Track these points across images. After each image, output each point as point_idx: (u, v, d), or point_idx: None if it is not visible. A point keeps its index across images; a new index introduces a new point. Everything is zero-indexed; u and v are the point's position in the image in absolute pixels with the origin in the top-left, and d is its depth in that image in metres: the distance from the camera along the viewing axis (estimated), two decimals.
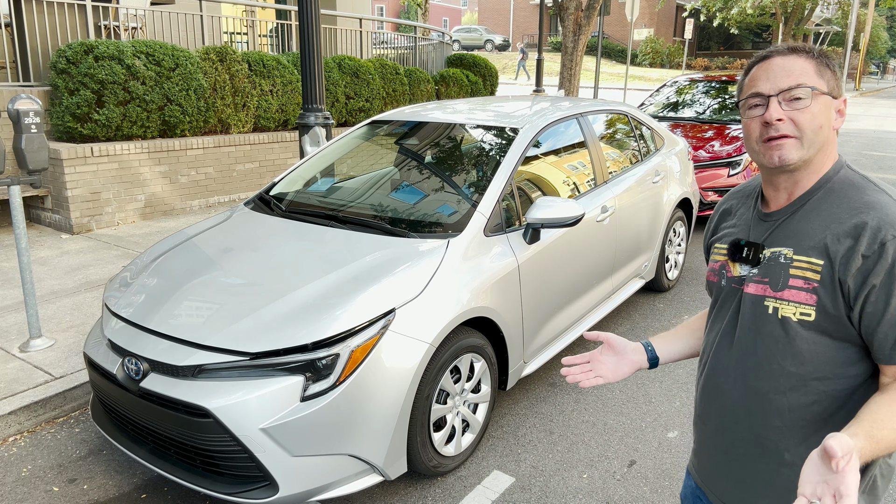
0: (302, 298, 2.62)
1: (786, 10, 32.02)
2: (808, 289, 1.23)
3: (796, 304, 1.24)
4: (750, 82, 1.30)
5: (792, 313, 1.25)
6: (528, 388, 3.72)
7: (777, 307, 1.27)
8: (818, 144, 1.26)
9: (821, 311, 1.22)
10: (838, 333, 1.22)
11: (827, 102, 1.26)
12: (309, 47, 5.04)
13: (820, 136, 1.26)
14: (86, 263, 5.35)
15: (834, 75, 1.28)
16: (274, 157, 7.85)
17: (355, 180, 3.89)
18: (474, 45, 37.52)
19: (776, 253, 1.29)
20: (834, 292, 1.20)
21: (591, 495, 2.85)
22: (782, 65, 1.27)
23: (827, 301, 1.21)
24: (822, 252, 1.22)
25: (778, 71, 1.27)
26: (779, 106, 1.25)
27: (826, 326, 1.22)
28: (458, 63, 12.45)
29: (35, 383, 3.47)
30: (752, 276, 1.32)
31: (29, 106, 3.58)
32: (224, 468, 2.49)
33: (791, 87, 1.24)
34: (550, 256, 3.44)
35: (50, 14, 6.86)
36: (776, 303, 1.27)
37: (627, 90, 17.95)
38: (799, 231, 1.27)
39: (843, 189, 1.26)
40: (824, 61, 1.28)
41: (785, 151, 1.26)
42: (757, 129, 1.28)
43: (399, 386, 2.56)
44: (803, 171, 1.29)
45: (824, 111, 1.26)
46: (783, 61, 1.27)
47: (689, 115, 8.10)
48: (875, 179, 1.28)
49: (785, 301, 1.26)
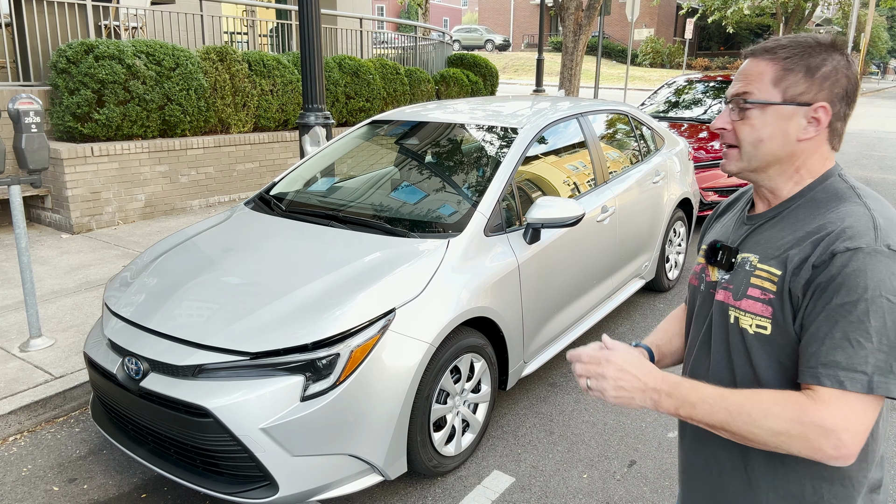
0: (302, 298, 2.62)
1: (786, 11, 32.00)
2: (765, 300, 1.14)
3: (752, 315, 1.16)
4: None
5: (748, 325, 1.16)
6: (528, 388, 3.72)
7: (738, 317, 1.19)
8: (760, 159, 1.18)
9: (776, 324, 1.13)
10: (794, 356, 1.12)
11: (778, 114, 1.16)
12: (309, 47, 5.04)
13: (760, 150, 1.18)
14: (86, 263, 5.35)
15: (807, 79, 1.15)
16: (274, 157, 7.85)
17: (355, 180, 3.89)
18: (474, 44, 37.51)
19: (745, 259, 1.20)
20: (783, 304, 1.12)
21: (591, 495, 2.85)
22: (745, 68, 1.20)
23: (779, 314, 1.12)
24: (781, 262, 1.13)
25: (739, 74, 1.21)
26: (727, 114, 1.21)
27: (783, 344, 1.13)
28: (458, 63, 12.45)
29: (35, 383, 3.47)
30: (722, 282, 1.24)
31: (29, 106, 3.58)
32: (224, 468, 2.49)
33: (737, 94, 1.18)
34: (551, 256, 3.44)
35: (50, 14, 6.86)
36: (736, 312, 1.19)
37: (628, 90, 17.95)
38: (769, 238, 1.19)
39: (824, 199, 1.16)
40: (794, 64, 1.15)
41: (725, 162, 1.22)
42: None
43: (399, 386, 2.56)
44: (766, 181, 1.22)
45: (771, 124, 1.16)
46: (749, 64, 1.19)
47: (689, 115, 8.10)
48: (862, 190, 1.16)
49: (742, 311, 1.17)
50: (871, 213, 1.10)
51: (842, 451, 1.02)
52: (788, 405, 1.05)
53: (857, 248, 1.05)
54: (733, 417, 1.08)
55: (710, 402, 1.10)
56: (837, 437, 1.02)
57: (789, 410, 1.05)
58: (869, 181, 9.94)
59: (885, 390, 1.02)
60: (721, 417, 1.09)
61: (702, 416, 1.11)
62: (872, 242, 1.05)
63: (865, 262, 1.04)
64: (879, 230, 1.07)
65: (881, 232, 1.07)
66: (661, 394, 1.14)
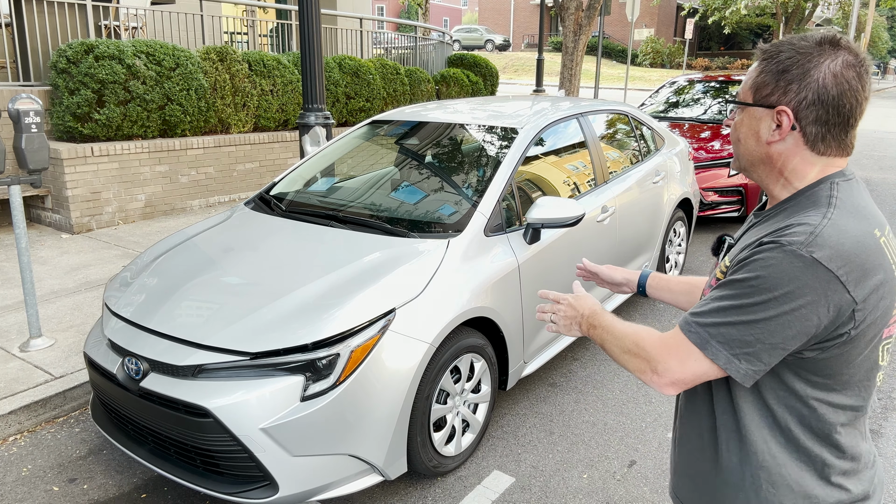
0: (302, 298, 2.62)
1: (786, 11, 32.00)
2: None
3: None
4: None
5: None
6: (528, 388, 3.72)
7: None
8: (743, 158, 1.24)
9: None
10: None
11: (750, 114, 1.20)
12: (309, 47, 5.04)
13: (740, 149, 1.24)
14: (86, 263, 5.35)
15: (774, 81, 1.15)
16: (274, 157, 7.85)
17: (355, 180, 3.89)
18: (475, 45, 37.51)
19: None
20: None
21: (591, 495, 2.85)
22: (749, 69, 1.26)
23: None
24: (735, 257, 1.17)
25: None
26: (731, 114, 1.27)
27: None
28: (458, 63, 12.45)
29: (35, 383, 3.47)
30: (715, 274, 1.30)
31: (29, 105, 3.58)
32: (224, 468, 2.49)
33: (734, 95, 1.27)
34: (551, 256, 3.44)
35: (50, 14, 6.86)
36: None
37: (628, 90, 17.95)
38: (750, 236, 1.22)
39: (804, 205, 1.15)
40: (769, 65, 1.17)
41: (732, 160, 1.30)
42: None
43: (399, 386, 2.56)
44: (760, 181, 1.25)
45: (746, 124, 1.21)
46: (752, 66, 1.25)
47: (689, 115, 8.10)
48: (839, 201, 1.13)
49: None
50: (823, 221, 1.08)
51: (655, 379, 1.19)
52: (641, 337, 1.23)
53: (778, 244, 1.08)
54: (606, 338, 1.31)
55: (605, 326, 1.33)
56: (656, 366, 1.18)
57: (637, 339, 1.23)
58: (869, 181, 9.93)
59: (713, 355, 1.12)
60: (604, 337, 1.32)
61: (597, 335, 1.35)
62: (798, 244, 1.06)
63: (775, 257, 1.07)
64: (815, 237, 1.06)
65: (816, 238, 1.06)
66: (584, 318, 1.39)
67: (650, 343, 1.21)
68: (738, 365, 1.11)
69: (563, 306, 1.45)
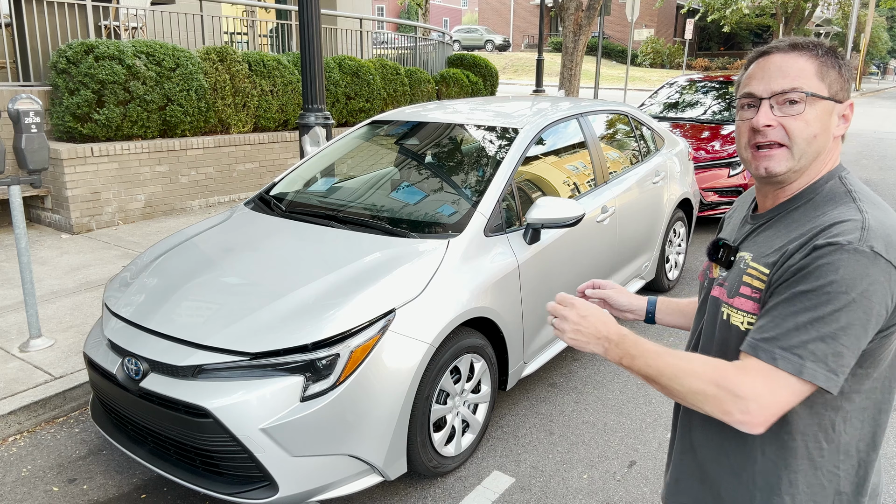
0: (302, 298, 2.62)
1: (786, 11, 32.00)
2: (755, 298, 1.16)
3: (744, 312, 1.18)
4: (746, 80, 1.21)
5: (740, 322, 1.19)
6: (528, 389, 3.72)
7: (729, 314, 1.21)
8: (811, 155, 1.17)
9: None
10: None
11: (826, 108, 1.16)
12: (309, 47, 5.04)
13: (813, 145, 1.16)
14: (86, 263, 5.34)
15: (840, 76, 1.17)
16: (274, 157, 7.85)
17: (355, 180, 3.89)
18: (474, 45, 37.50)
19: (741, 257, 1.22)
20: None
21: (591, 496, 2.85)
22: (780, 64, 1.16)
23: None
24: (771, 262, 1.15)
25: (774, 71, 1.17)
26: (770, 111, 1.16)
27: None
28: (458, 63, 12.45)
29: (35, 383, 3.47)
30: (719, 279, 1.27)
31: (29, 106, 3.58)
32: (224, 468, 2.48)
33: (785, 91, 1.14)
34: (550, 257, 3.44)
35: (50, 14, 6.86)
36: (729, 309, 1.21)
37: (628, 90, 17.95)
38: (766, 238, 1.20)
39: (821, 202, 1.17)
40: (830, 60, 1.17)
41: (773, 163, 1.17)
42: (746, 134, 1.20)
43: (399, 386, 2.56)
44: (792, 178, 1.21)
45: (821, 118, 1.15)
46: (782, 59, 1.17)
47: (689, 116, 8.10)
48: (859, 193, 1.17)
49: (734, 308, 1.20)
50: (863, 215, 1.10)
51: (746, 418, 1.07)
52: (712, 370, 1.11)
53: (838, 244, 1.06)
54: (661, 373, 1.16)
55: (648, 357, 1.18)
56: (745, 405, 1.07)
57: (711, 375, 1.10)
58: (869, 181, 9.93)
59: (811, 377, 1.05)
60: (653, 372, 1.17)
61: (639, 368, 1.19)
62: (856, 241, 1.06)
63: (841, 258, 1.05)
64: (867, 231, 1.07)
65: (868, 233, 1.07)
66: (611, 343, 1.23)
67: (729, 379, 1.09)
68: (836, 380, 1.06)
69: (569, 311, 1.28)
